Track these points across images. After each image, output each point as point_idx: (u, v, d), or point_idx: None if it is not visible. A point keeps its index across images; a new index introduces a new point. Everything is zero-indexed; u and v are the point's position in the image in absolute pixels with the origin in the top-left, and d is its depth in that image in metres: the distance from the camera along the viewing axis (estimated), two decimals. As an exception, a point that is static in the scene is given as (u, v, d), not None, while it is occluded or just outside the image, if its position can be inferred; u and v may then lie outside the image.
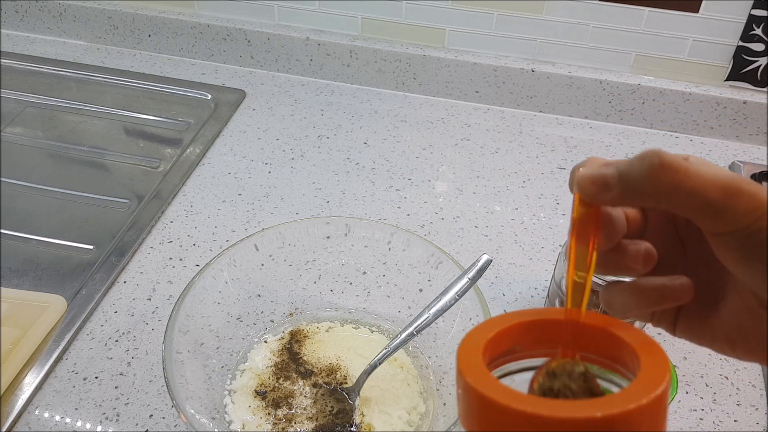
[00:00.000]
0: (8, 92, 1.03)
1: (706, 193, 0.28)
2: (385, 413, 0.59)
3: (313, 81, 1.06)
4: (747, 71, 0.92)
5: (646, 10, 0.90)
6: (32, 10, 1.11)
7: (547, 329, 0.33)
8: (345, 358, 0.64)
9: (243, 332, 0.65)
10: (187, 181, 0.86)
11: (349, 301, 0.70)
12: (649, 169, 0.29)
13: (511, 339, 0.33)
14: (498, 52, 0.99)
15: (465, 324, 0.61)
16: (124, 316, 0.69)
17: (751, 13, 0.87)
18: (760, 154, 0.94)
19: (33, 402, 0.62)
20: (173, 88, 1.03)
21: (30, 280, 0.75)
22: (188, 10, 1.07)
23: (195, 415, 0.54)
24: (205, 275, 0.62)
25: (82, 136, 0.96)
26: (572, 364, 0.31)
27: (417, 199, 0.85)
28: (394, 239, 0.67)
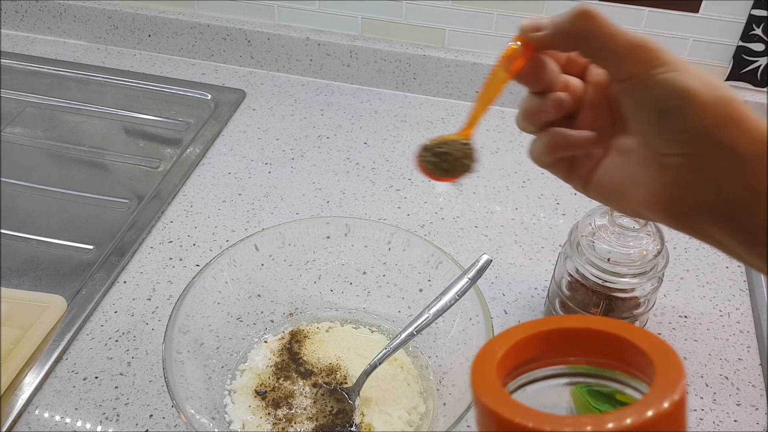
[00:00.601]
0: (8, 92, 1.03)
1: (615, 41, 0.34)
2: (385, 413, 0.59)
3: (313, 81, 1.06)
4: (747, 71, 0.92)
5: (646, 10, 0.90)
6: (32, 10, 1.11)
7: (561, 338, 0.32)
8: (345, 358, 0.64)
9: (243, 332, 0.65)
10: (187, 181, 0.86)
11: (349, 301, 0.70)
12: (574, 14, 0.35)
13: (526, 350, 0.32)
14: (498, 52, 0.99)
15: (465, 324, 0.61)
16: (124, 316, 0.69)
17: (751, 13, 0.87)
18: (760, 154, 0.94)
19: (33, 402, 0.62)
20: (173, 88, 1.03)
21: (30, 280, 0.75)
22: (188, 10, 1.07)
23: (195, 415, 0.54)
24: (205, 275, 0.62)
25: (82, 136, 0.96)
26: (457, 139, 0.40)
27: (417, 199, 0.85)
28: (394, 239, 0.67)
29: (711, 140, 0.32)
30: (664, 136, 0.34)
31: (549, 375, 0.33)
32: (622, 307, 0.62)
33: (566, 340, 0.32)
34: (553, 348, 0.32)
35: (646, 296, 0.62)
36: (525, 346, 0.32)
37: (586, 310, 0.63)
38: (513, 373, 0.32)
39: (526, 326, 0.32)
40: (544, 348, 0.32)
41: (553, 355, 0.32)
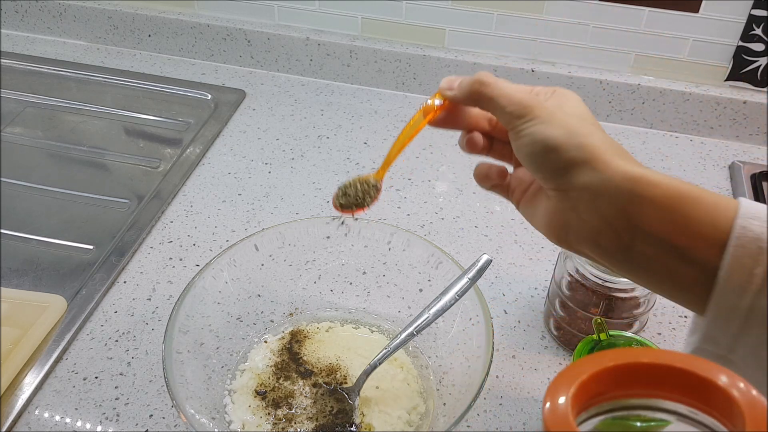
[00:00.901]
0: (8, 92, 1.03)
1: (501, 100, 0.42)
2: (385, 413, 0.59)
3: (313, 81, 1.06)
4: (747, 71, 0.92)
5: (646, 10, 0.90)
6: (32, 10, 1.11)
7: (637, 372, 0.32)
8: (345, 358, 0.64)
9: (243, 332, 0.65)
10: (187, 181, 0.86)
11: (349, 301, 0.70)
12: (472, 80, 0.44)
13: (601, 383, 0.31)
14: (498, 52, 0.99)
15: (465, 324, 0.61)
16: (124, 316, 0.69)
17: (751, 13, 0.87)
18: (760, 154, 0.94)
19: (33, 402, 0.62)
20: (173, 88, 1.03)
21: (30, 280, 0.75)
22: (188, 10, 1.07)
23: (195, 415, 0.54)
24: (205, 275, 0.62)
25: (82, 136, 0.96)
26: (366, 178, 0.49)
27: (417, 199, 0.85)
28: (394, 239, 0.67)
29: (570, 179, 0.39)
30: (538, 176, 0.42)
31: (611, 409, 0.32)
32: (622, 307, 0.62)
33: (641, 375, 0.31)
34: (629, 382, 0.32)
35: (646, 296, 0.62)
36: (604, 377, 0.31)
37: (586, 310, 0.63)
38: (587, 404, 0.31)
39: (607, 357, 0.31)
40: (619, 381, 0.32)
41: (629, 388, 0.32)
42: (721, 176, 0.90)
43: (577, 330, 0.65)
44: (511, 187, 0.48)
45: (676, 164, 0.92)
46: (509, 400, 0.63)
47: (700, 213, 0.37)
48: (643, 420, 0.32)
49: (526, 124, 0.41)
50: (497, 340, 0.67)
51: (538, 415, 0.62)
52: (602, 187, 0.38)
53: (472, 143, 0.48)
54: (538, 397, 0.63)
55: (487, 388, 0.63)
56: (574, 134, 0.40)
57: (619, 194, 0.38)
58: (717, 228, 0.36)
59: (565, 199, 0.40)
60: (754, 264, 0.35)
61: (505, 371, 0.65)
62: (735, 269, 0.35)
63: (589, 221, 0.39)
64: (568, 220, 0.41)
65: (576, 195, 0.39)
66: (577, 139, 0.39)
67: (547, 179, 0.41)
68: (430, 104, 0.47)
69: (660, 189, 0.37)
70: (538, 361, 0.66)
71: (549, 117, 0.41)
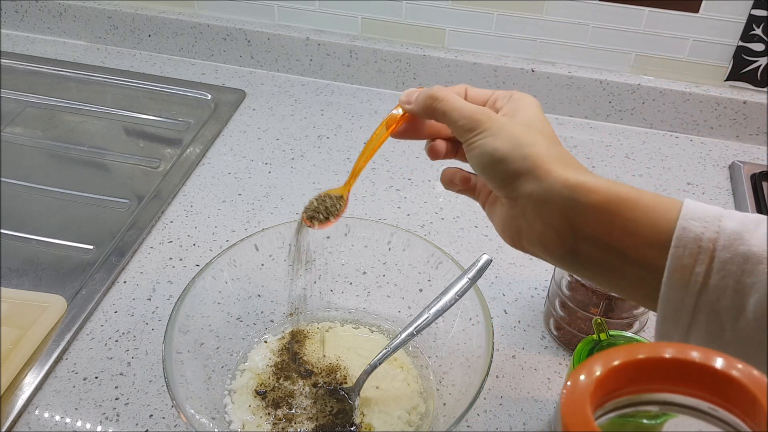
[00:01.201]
0: (8, 92, 1.03)
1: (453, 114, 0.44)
2: (385, 413, 0.59)
3: (313, 81, 1.06)
4: (747, 71, 0.92)
5: (646, 10, 0.90)
6: (32, 10, 1.11)
7: (656, 367, 0.31)
8: (345, 358, 0.64)
9: (243, 332, 0.65)
10: (187, 181, 0.86)
11: (349, 301, 0.70)
12: (425, 96, 0.46)
13: (619, 378, 0.31)
14: (498, 52, 0.99)
15: (465, 324, 0.61)
16: (124, 316, 0.69)
17: (751, 13, 0.87)
18: (760, 154, 0.94)
19: (33, 402, 0.62)
20: (173, 88, 1.03)
21: (30, 280, 0.75)
22: (188, 10, 1.07)
23: (195, 415, 0.54)
24: (205, 275, 0.62)
25: (82, 136, 0.96)
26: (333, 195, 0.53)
27: (417, 199, 0.85)
28: (394, 239, 0.67)
29: (516, 188, 0.42)
30: (489, 185, 0.44)
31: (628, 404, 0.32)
32: (622, 307, 0.62)
33: (663, 371, 0.31)
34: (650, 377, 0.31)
35: (646, 296, 0.62)
36: (625, 372, 0.31)
37: (586, 311, 0.63)
38: (607, 398, 0.31)
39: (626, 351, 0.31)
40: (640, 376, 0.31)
41: (649, 383, 0.31)
42: (721, 176, 0.90)
43: (577, 330, 0.65)
44: (477, 190, 0.50)
45: (676, 164, 0.92)
46: (509, 400, 0.63)
47: (638, 215, 0.38)
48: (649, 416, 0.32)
49: (476, 137, 0.43)
50: (497, 340, 0.67)
51: (538, 414, 0.62)
52: (544, 195, 0.40)
53: (434, 151, 0.50)
54: (538, 397, 0.63)
55: (487, 388, 0.63)
56: (519, 146, 0.42)
57: (560, 201, 0.40)
58: (656, 228, 0.38)
59: (515, 206, 0.43)
60: (695, 263, 0.36)
61: (505, 371, 0.65)
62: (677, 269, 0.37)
63: (536, 227, 0.42)
64: (519, 226, 0.43)
65: (522, 203, 0.42)
66: (521, 151, 0.41)
67: (497, 188, 0.43)
68: (390, 118, 0.49)
69: (598, 194, 0.39)
70: (538, 361, 0.66)
71: (497, 130, 0.43)
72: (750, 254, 0.35)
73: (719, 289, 0.36)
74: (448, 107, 0.45)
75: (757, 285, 0.35)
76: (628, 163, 0.92)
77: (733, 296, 0.36)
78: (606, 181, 0.40)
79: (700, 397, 0.31)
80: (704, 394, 0.31)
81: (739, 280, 0.35)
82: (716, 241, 0.36)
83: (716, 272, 0.36)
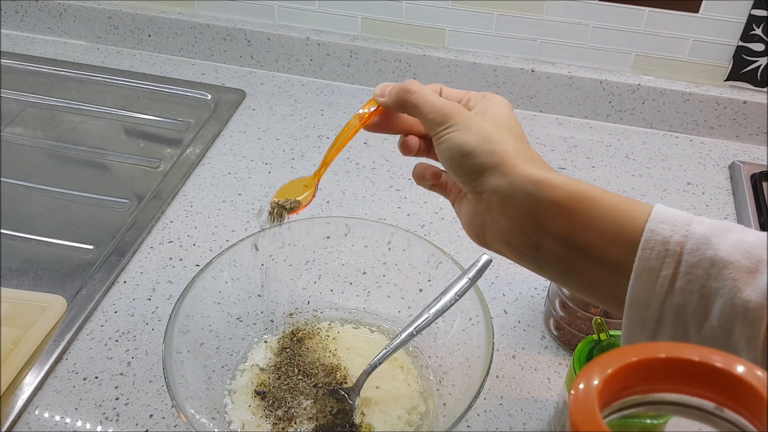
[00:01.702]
0: (8, 92, 1.03)
1: (424, 108, 0.45)
2: (385, 413, 0.59)
3: (313, 81, 1.06)
4: (747, 71, 0.92)
5: (646, 10, 0.90)
6: (32, 10, 1.11)
7: (662, 367, 0.31)
8: (345, 358, 0.64)
9: (243, 332, 0.65)
10: (187, 181, 0.86)
11: (349, 301, 0.70)
12: (398, 89, 0.47)
13: (627, 378, 0.31)
14: (498, 52, 0.99)
15: (465, 324, 0.61)
16: (124, 316, 0.69)
17: (751, 13, 0.87)
18: (760, 154, 0.94)
19: (33, 402, 0.62)
20: (173, 88, 1.03)
21: (30, 280, 0.75)
22: (188, 10, 1.07)
23: (195, 415, 0.54)
24: (205, 275, 0.62)
25: (82, 136, 0.96)
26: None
27: (417, 199, 0.85)
28: (394, 239, 0.67)
29: (482, 183, 0.42)
30: (456, 179, 0.44)
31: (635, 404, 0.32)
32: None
33: (669, 370, 0.31)
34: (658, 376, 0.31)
35: (646, 296, 0.62)
36: (632, 371, 0.30)
37: (586, 311, 0.63)
38: (613, 397, 0.31)
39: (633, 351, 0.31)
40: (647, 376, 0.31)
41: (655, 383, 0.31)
42: (721, 176, 0.90)
43: (577, 330, 0.65)
44: (448, 187, 0.51)
45: (676, 164, 0.92)
46: (509, 400, 0.63)
47: (600, 213, 0.39)
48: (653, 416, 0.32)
49: (446, 130, 0.44)
50: (497, 340, 0.67)
51: (538, 414, 0.62)
52: (509, 189, 0.41)
53: (406, 146, 0.51)
54: (538, 397, 0.63)
55: (487, 388, 0.63)
56: (487, 140, 0.42)
57: (523, 196, 0.40)
58: (619, 228, 0.38)
59: (480, 201, 0.43)
60: (661, 266, 0.36)
61: (505, 371, 0.65)
62: (643, 271, 0.36)
63: (500, 221, 0.42)
64: (483, 221, 0.44)
65: (487, 197, 0.42)
66: (489, 146, 0.42)
67: (464, 182, 0.44)
68: (364, 111, 0.50)
69: (561, 191, 0.39)
70: (538, 361, 0.66)
71: (466, 124, 0.43)
72: (717, 259, 0.35)
73: (685, 293, 0.36)
74: (420, 100, 0.46)
75: (723, 290, 0.35)
76: (628, 163, 0.92)
77: (698, 301, 0.36)
78: (570, 179, 0.40)
79: (706, 397, 0.31)
80: (710, 394, 0.31)
81: (704, 284, 0.35)
82: (683, 245, 0.36)
83: (682, 276, 0.36)
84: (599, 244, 0.38)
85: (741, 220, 0.82)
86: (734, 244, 0.35)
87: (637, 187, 0.88)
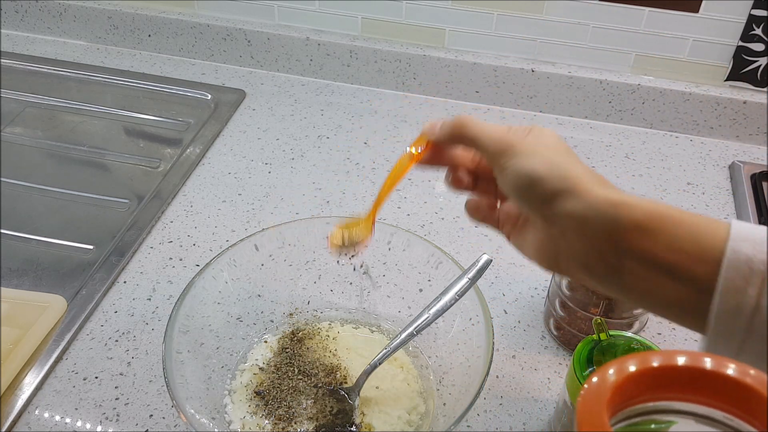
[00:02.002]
0: (8, 92, 1.03)
1: (482, 139, 0.45)
2: (385, 413, 0.59)
3: (313, 81, 1.06)
4: (747, 71, 0.92)
5: (646, 10, 0.90)
6: (32, 10, 1.11)
7: (672, 375, 0.31)
8: (345, 358, 0.64)
9: (243, 332, 0.65)
10: (187, 181, 0.86)
11: (349, 301, 0.70)
12: (452, 123, 0.47)
13: (636, 386, 0.31)
14: (498, 52, 0.99)
15: (465, 324, 0.61)
16: (124, 316, 0.69)
17: (751, 13, 0.87)
18: (760, 154, 0.94)
19: (33, 402, 0.62)
20: (173, 88, 1.03)
21: (30, 280, 0.75)
22: (188, 10, 1.07)
23: (195, 415, 0.54)
24: (205, 275, 0.62)
25: (82, 136, 0.96)
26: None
27: (417, 199, 0.85)
28: (394, 239, 0.67)
29: (556, 208, 0.41)
30: (525, 208, 0.44)
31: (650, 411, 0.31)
32: (622, 307, 0.62)
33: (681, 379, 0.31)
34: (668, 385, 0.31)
35: (646, 296, 0.62)
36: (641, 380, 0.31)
37: (586, 311, 0.63)
38: (621, 405, 0.31)
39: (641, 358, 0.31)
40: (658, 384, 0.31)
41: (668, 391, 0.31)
42: (721, 176, 0.90)
43: (577, 330, 0.65)
44: (500, 221, 0.50)
45: (676, 164, 0.92)
46: (509, 400, 0.63)
47: (682, 232, 0.38)
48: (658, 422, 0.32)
49: (510, 159, 0.43)
50: (497, 340, 0.67)
51: (538, 415, 0.62)
52: (587, 213, 0.40)
53: (457, 181, 0.51)
54: (538, 397, 0.63)
55: (487, 388, 0.63)
56: (555, 166, 0.42)
57: (603, 219, 0.40)
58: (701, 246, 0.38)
59: (553, 227, 0.43)
60: (746, 284, 0.36)
61: (505, 371, 0.65)
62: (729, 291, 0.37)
63: (578, 246, 0.41)
64: (557, 247, 0.43)
65: (563, 223, 0.42)
66: (558, 171, 0.42)
67: (534, 209, 0.43)
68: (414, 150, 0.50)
69: (641, 211, 0.39)
70: (538, 361, 0.66)
71: (531, 151, 0.43)
72: None
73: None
74: (478, 133, 0.45)
75: None
76: (628, 163, 0.92)
77: None
78: (646, 200, 0.40)
79: (715, 406, 0.31)
80: (719, 403, 0.31)
81: None
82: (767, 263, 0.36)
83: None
84: (682, 262, 0.38)
85: (740, 220, 0.82)
86: None
87: (637, 187, 0.88)
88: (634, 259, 0.40)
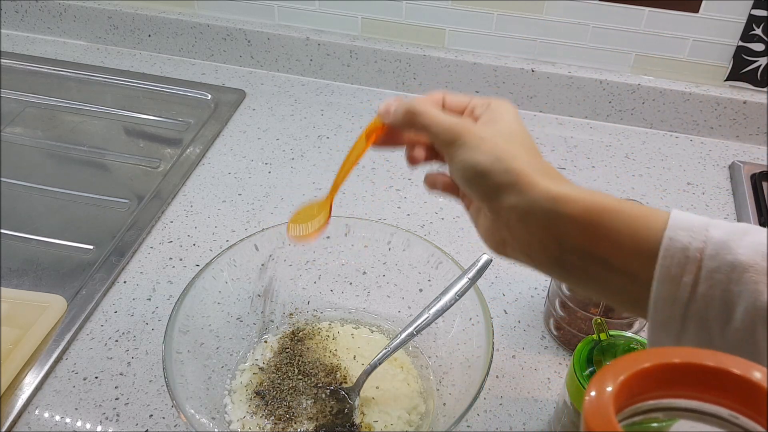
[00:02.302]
0: (8, 92, 1.03)
1: (432, 127, 0.45)
2: (385, 413, 0.59)
3: (313, 81, 1.06)
4: (747, 71, 0.92)
5: (646, 10, 0.90)
6: (32, 10, 1.11)
7: (677, 372, 0.31)
8: (345, 358, 0.64)
9: (243, 332, 0.65)
10: (187, 181, 0.86)
11: (349, 301, 0.70)
12: (404, 111, 0.47)
13: (642, 383, 0.30)
14: (498, 52, 0.99)
15: (465, 324, 0.61)
16: (124, 316, 0.69)
17: (751, 13, 0.87)
18: (760, 154, 0.94)
19: (33, 402, 0.62)
20: (173, 88, 1.03)
21: (30, 280, 0.75)
22: (188, 10, 1.07)
23: (195, 415, 0.54)
24: (205, 275, 0.62)
25: (82, 136, 0.96)
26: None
27: (417, 199, 0.85)
28: (394, 239, 0.67)
29: (500, 201, 0.42)
30: (474, 197, 0.45)
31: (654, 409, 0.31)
32: (622, 307, 0.62)
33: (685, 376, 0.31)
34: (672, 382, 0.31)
35: (646, 296, 0.62)
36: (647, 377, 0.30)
37: (586, 311, 0.63)
38: (626, 402, 0.30)
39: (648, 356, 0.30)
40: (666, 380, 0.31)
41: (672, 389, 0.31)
42: (721, 176, 0.90)
43: (577, 330, 0.65)
44: (460, 192, 0.51)
45: (676, 164, 0.92)
46: (509, 400, 0.63)
47: (620, 224, 0.39)
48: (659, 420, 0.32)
49: (457, 150, 0.44)
50: (497, 340, 0.67)
51: (538, 415, 0.62)
52: (527, 207, 0.41)
53: (413, 159, 0.51)
54: (538, 397, 0.63)
55: (487, 388, 0.63)
56: (500, 159, 0.42)
57: (542, 213, 0.41)
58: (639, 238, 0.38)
59: (498, 218, 0.43)
60: (682, 273, 0.36)
61: (505, 371, 0.65)
62: (665, 280, 0.37)
63: (522, 237, 0.43)
64: (503, 236, 0.44)
65: (506, 215, 0.43)
66: (503, 164, 0.42)
67: (480, 200, 0.44)
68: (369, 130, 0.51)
69: (579, 204, 0.40)
70: (538, 361, 0.66)
71: (477, 143, 0.43)
72: (736, 263, 0.35)
73: (707, 299, 0.36)
74: (428, 121, 0.46)
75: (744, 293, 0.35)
76: (628, 163, 0.92)
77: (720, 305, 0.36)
78: (587, 192, 0.40)
79: (721, 403, 0.31)
80: (725, 400, 0.31)
81: (726, 288, 0.36)
82: (703, 251, 0.36)
83: (703, 281, 0.36)
84: (619, 256, 0.39)
85: (741, 220, 0.82)
86: (753, 246, 0.36)
87: (637, 187, 0.88)
88: (573, 251, 0.40)
